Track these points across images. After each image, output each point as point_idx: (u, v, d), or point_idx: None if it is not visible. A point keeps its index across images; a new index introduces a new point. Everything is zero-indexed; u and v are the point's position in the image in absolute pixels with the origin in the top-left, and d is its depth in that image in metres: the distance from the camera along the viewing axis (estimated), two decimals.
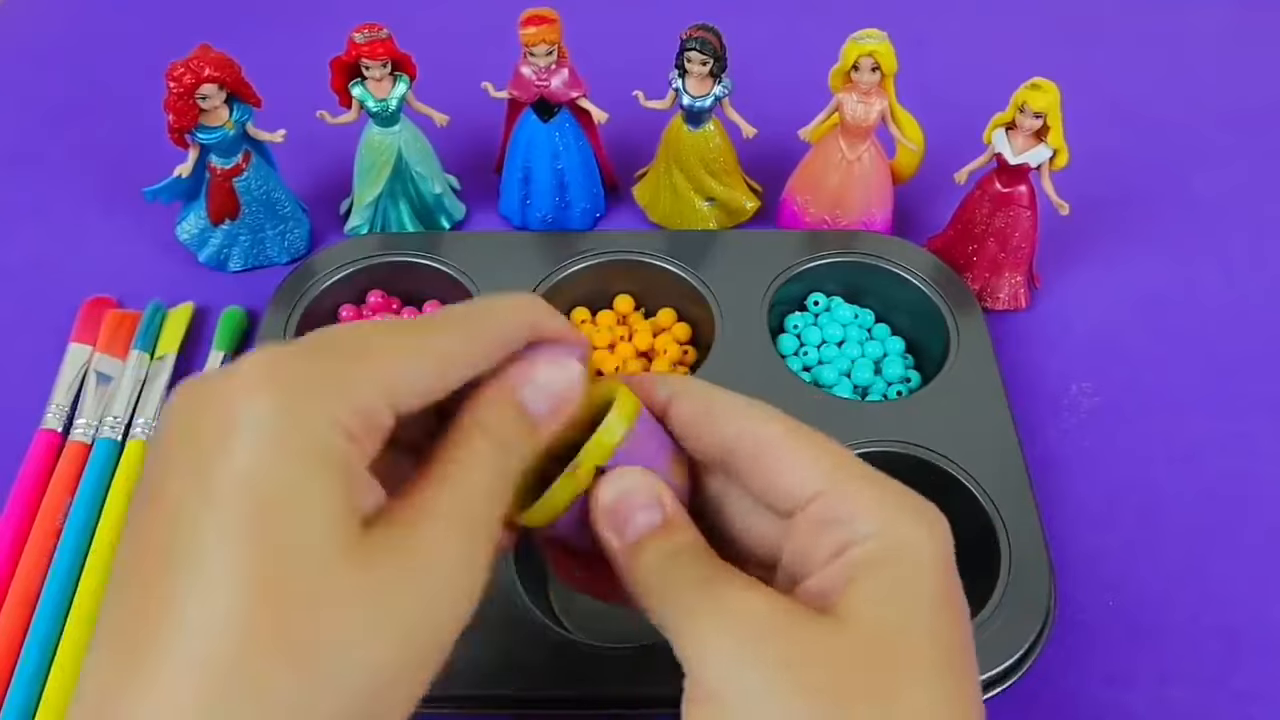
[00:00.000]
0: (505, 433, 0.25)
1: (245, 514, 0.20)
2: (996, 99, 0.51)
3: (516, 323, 0.26)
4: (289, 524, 0.20)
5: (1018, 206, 0.53)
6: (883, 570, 0.25)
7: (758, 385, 0.49)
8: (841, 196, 0.56)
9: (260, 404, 0.21)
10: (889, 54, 0.51)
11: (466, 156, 0.62)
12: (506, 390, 0.26)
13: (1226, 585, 0.46)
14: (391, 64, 0.53)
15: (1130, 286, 0.58)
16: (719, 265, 0.54)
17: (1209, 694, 0.43)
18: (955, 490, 0.45)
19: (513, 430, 0.26)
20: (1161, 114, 0.68)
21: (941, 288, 0.53)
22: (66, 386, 0.51)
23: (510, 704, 0.40)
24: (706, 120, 0.55)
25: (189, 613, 0.19)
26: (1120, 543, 0.47)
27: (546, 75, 0.54)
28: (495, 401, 0.26)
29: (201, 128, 0.52)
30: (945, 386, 0.49)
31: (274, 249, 0.58)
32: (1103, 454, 0.50)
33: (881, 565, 0.25)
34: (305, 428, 0.21)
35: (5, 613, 0.43)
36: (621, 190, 0.62)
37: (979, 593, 0.42)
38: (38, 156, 0.65)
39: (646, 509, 0.26)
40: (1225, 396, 0.53)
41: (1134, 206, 0.62)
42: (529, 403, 0.26)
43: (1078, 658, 0.44)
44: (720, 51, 0.52)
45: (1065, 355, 0.54)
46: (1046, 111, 0.49)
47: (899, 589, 0.25)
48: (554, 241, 0.55)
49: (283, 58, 0.63)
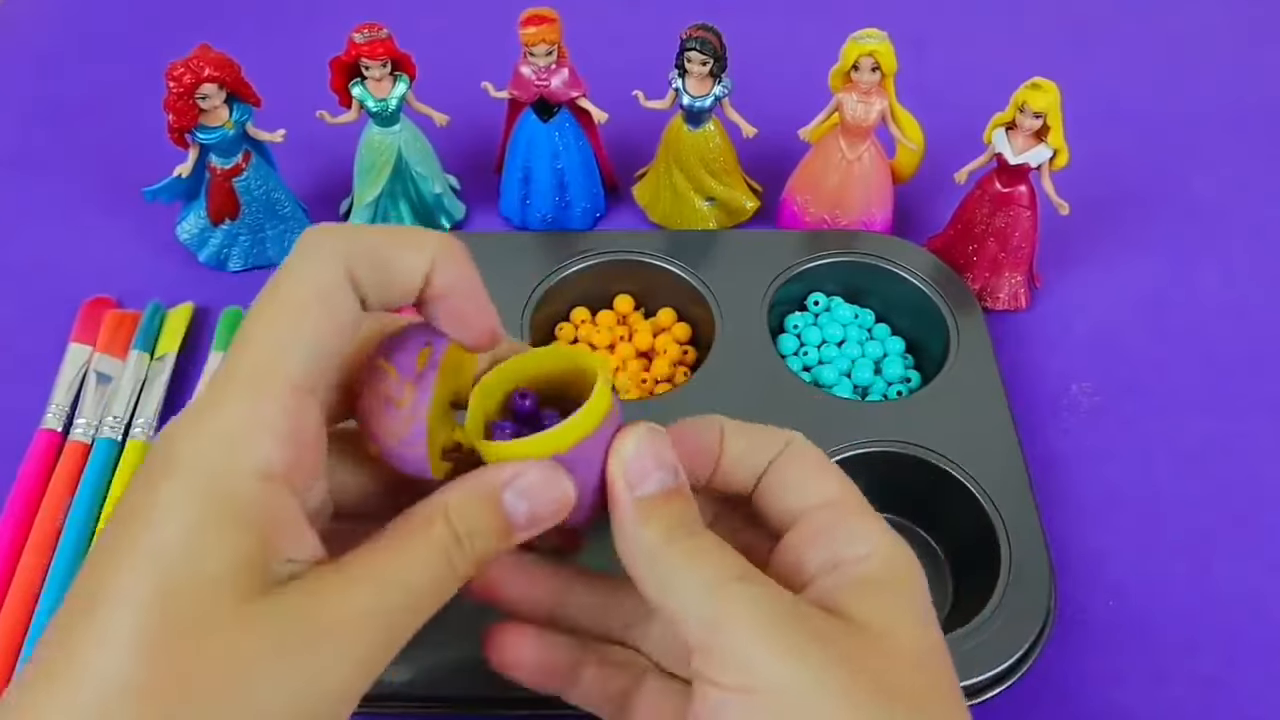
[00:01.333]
0: (470, 525, 0.24)
1: (150, 580, 0.21)
2: (996, 99, 0.51)
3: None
4: (184, 588, 0.21)
5: (1018, 206, 0.53)
6: (886, 588, 0.25)
7: (758, 385, 0.49)
8: (841, 196, 0.56)
9: (176, 475, 0.21)
10: (889, 54, 0.51)
11: (466, 156, 0.62)
12: (489, 485, 0.25)
13: (1227, 585, 0.46)
14: (391, 64, 0.53)
15: (1130, 286, 0.58)
16: (719, 265, 0.54)
17: (1208, 694, 0.43)
18: (955, 490, 0.45)
19: (480, 526, 0.24)
20: (1161, 114, 0.68)
21: (941, 288, 0.53)
22: (66, 386, 0.51)
23: (508, 704, 0.40)
24: (706, 120, 0.55)
25: (86, 657, 0.20)
26: (1120, 543, 0.47)
27: (546, 75, 0.54)
28: (473, 492, 0.24)
29: (201, 128, 0.52)
30: (945, 386, 0.49)
31: (274, 249, 0.58)
32: (1103, 454, 0.50)
33: (884, 584, 0.25)
34: (216, 490, 0.21)
35: (5, 612, 0.43)
36: (621, 190, 0.62)
37: (979, 593, 0.42)
38: (38, 156, 0.65)
39: (663, 469, 0.26)
40: (1225, 396, 0.53)
41: (1134, 207, 0.62)
42: (509, 507, 0.25)
43: (1078, 658, 0.44)
44: (720, 51, 0.52)
45: (1065, 355, 0.54)
46: (1046, 111, 0.49)
47: (905, 605, 0.25)
48: (554, 241, 0.55)
49: (283, 58, 0.63)
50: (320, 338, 0.23)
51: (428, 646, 0.40)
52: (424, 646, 0.40)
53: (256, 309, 0.23)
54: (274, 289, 0.23)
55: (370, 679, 0.23)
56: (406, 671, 0.39)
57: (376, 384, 0.25)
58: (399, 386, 0.24)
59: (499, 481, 0.25)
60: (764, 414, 0.47)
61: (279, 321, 0.22)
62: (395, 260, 0.24)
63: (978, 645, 0.40)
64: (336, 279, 0.23)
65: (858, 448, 0.46)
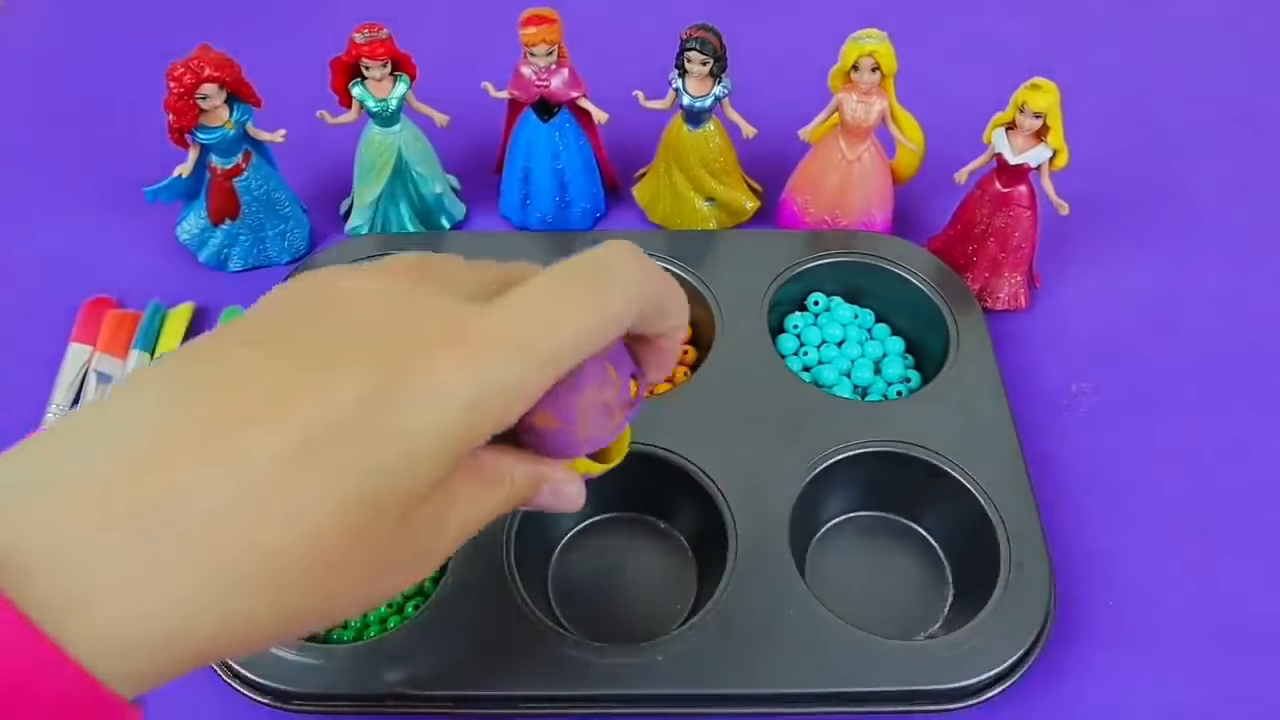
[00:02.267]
0: (520, 494, 0.30)
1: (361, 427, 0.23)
2: (996, 99, 0.51)
3: (631, 314, 0.28)
4: (385, 490, 0.24)
5: (1018, 206, 0.53)
6: None
7: (758, 385, 0.49)
8: (841, 197, 0.56)
9: (455, 390, 0.24)
10: (889, 54, 0.51)
11: (466, 156, 0.62)
12: (544, 476, 0.30)
13: (1227, 585, 0.46)
14: (391, 64, 0.53)
15: (1130, 286, 0.58)
16: (719, 265, 0.54)
17: (1209, 694, 0.43)
18: (955, 490, 0.45)
19: (524, 495, 0.30)
20: (1161, 114, 0.68)
21: (941, 288, 0.53)
22: (66, 386, 0.51)
23: (509, 704, 0.40)
24: (706, 120, 0.55)
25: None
26: (1120, 542, 0.47)
27: (546, 75, 0.54)
28: (531, 475, 0.30)
29: (202, 127, 0.52)
30: (945, 386, 0.49)
31: (274, 249, 0.58)
32: (1103, 454, 0.50)
33: None
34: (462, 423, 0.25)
35: None
36: (621, 190, 0.62)
37: (979, 593, 0.42)
38: (38, 156, 0.65)
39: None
40: (1225, 396, 0.53)
41: (1134, 206, 0.62)
42: (544, 493, 0.30)
43: (1078, 658, 0.44)
44: (720, 51, 0.52)
45: (1065, 355, 0.54)
46: (1046, 111, 0.49)
47: None
48: (554, 241, 0.55)
49: (283, 58, 0.63)
50: (593, 346, 0.27)
51: (428, 646, 0.40)
52: (424, 646, 0.40)
53: (570, 293, 0.27)
54: (595, 290, 0.27)
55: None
56: (407, 671, 0.39)
57: (601, 387, 0.29)
58: (616, 402, 0.30)
59: (550, 477, 0.30)
60: (764, 414, 0.48)
61: (583, 319, 0.27)
62: (666, 314, 0.30)
63: (978, 645, 0.40)
64: (630, 313, 0.28)
65: (858, 448, 0.46)
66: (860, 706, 0.40)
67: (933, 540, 0.47)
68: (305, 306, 0.26)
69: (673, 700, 0.40)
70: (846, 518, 0.48)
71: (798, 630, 0.41)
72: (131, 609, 0.21)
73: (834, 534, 0.47)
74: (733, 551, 0.43)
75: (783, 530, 0.43)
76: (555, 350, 0.26)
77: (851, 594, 0.44)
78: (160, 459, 0.22)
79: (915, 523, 0.47)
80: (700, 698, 0.40)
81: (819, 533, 0.47)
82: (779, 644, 0.40)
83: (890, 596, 0.45)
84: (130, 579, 0.21)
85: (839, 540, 0.47)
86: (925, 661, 0.40)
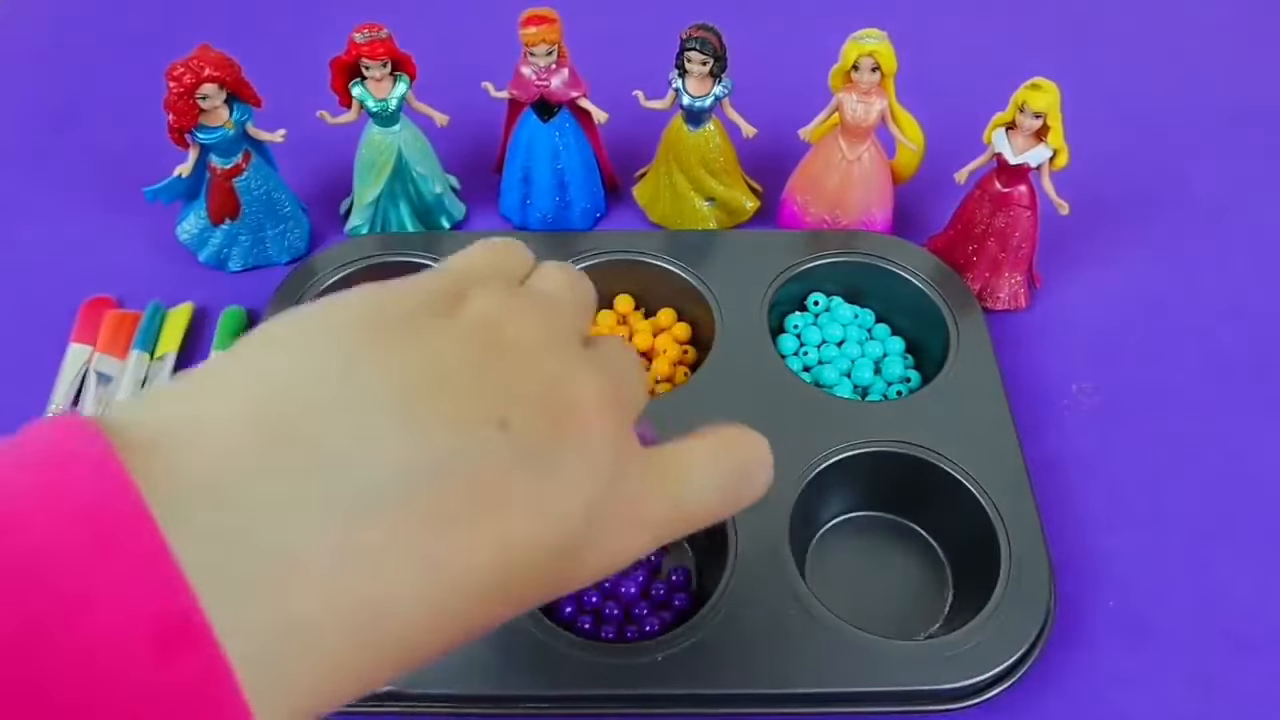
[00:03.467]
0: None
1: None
2: (996, 99, 0.51)
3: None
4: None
5: (1018, 206, 0.53)
6: None
7: (758, 385, 0.49)
8: (841, 196, 0.56)
9: (627, 558, 0.26)
10: (889, 54, 0.51)
11: (466, 156, 0.62)
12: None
13: (1227, 585, 0.46)
14: (391, 64, 0.53)
15: (1130, 286, 0.58)
16: (719, 265, 0.54)
17: (1209, 694, 0.43)
18: (955, 490, 0.45)
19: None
20: (1161, 114, 0.68)
21: (941, 288, 0.53)
22: (66, 386, 0.51)
23: (509, 704, 0.40)
24: (706, 120, 0.55)
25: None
26: (1120, 543, 0.47)
27: (546, 75, 0.54)
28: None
29: (201, 127, 0.52)
30: (945, 386, 0.49)
31: (274, 249, 0.58)
32: (1103, 454, 0.50)
33: None
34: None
35: None
36: (621, 190, 0.62)
37: (979, 593, 0.42)
38: (38, 157, 0.65)
39: None
40: (1225, 396, 0.53)
41: (1134, 206, 0.62)
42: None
43: (1078, 658, 0.43)
44: (720, 51, 0.52)
45: (1065, 355, 0.54)
46: (1046, 111, 0.49)
47: None
48: (554, 241, 0.55)
49: (283, 58, 0.63)
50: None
51: None
52: None
53: (720, 507, 0.28)
54: (732, 506, 0.29)
55: None
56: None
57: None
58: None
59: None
60: (764, 414, 0.48)
61: (711, 520, 0.28)
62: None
63: (978, 645, 0.40)
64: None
65: (858, 448, 0.46)
66: (860, 706, 0.40)
67: (933, 540, 0.47)
68: (486, 361, 0.24)
69: (673, 700, 0.40)
70: (847, 518, 0.48)
71: (798, 630, 0.41)
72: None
73: (834, 534, 0.47)
74: (733, 551, 0.43)
75: (783, 530, 0.43)
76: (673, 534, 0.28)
77: (851, 594, 0.44)
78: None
79: (915, 523, 0.47)
80: (700, 698, 0.40)
81: (819, 533, 0.47)
82: (779, 644, 0.40)
83: (890, 596, 0.45)
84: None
85: (839, 540, 0.47)
86: (925, 661, 0.40)
